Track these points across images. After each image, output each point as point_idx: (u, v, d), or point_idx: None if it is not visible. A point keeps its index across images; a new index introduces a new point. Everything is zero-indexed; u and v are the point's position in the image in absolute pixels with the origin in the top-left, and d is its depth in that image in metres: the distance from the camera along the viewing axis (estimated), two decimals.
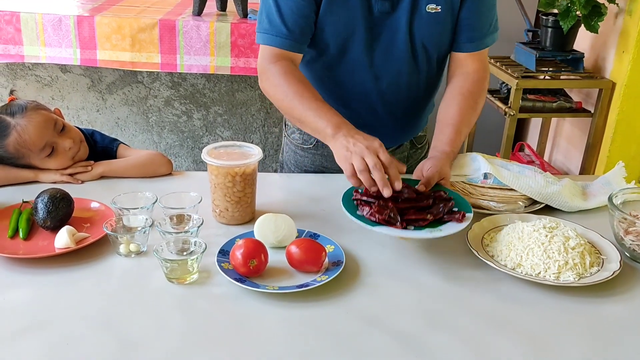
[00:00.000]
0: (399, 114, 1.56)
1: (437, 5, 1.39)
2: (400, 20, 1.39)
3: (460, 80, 1.47)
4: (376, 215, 1.15)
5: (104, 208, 1.31)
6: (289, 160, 1.73)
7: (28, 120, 1.41)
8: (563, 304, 1.09)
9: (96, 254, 1.18)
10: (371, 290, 1.10)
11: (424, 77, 1.51)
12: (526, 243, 1.16)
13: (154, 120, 2.88)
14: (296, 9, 1.37)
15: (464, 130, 1.41)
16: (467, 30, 1.44)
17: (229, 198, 1.29)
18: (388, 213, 1.15)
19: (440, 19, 1.41)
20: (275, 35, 1.39)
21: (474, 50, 1.46)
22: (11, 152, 1.42)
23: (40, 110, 1.46)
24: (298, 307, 1.05)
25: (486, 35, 1.46)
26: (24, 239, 1.21)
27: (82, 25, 2.40)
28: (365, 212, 1.18)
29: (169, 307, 1.04)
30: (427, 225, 1.17)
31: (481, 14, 1.44)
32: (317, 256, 1.12)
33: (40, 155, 1.44)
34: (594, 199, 1.44)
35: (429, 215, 1.17)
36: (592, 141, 2.69)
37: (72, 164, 1.48)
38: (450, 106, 1.43)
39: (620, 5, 2.54)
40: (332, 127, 1.28)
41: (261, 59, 1.43)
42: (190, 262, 1.08)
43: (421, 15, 1.39)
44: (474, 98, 1.45)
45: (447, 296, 1.10)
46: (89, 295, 1.06)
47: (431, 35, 1.43)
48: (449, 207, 1.21)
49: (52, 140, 1.44)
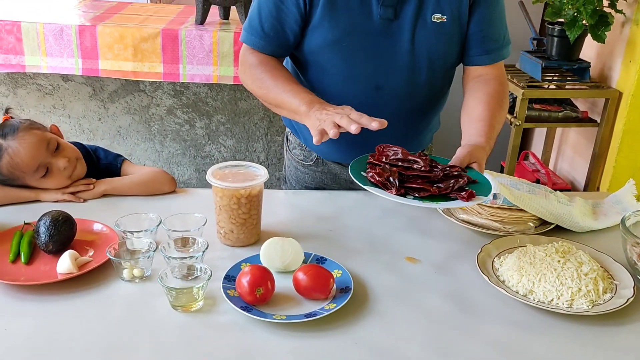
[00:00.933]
0: (401, 127, 1.52)
1: (442, 15, 1.35)
2: (403, 28, 1.36)
3: (481, 84, 1.42)
4: (375, 177, 1.13)
5: (107, 230, 1.29)
6: (291, 176, 1.71)
7: (19, 142, 1.38)
8: (576, 332, 1.07)
9: (99, 279, 1.16)
10: (380, 319, 1.08)
11: (427, 89, 1.47)
12: (538, 268, 1.14)
13: (156, 129, 2.85)
14: (275, 13, 1.38)
15: (497, 126, 1.35)
16: (483, 43, 1.41)
17: (234, 220, 1.26)
18: (388, 176, 1.12)
19: (446, 30, 1.37)
20: (251, 35, 1.42)
21: (491, 62, 1.44)
22: (5, 175, 1.40)
23: (33, 130, 1.41)
24: (306, 337, 1.02)
25: (502, 47, 1.44)
26: (26, 263, 1.18)
27: (84, 35, 2.38)
28: (369, 174, 1.15)
29: (173, 336, 1.02)
30: (430, 198, 1.11)
31: (494, 26, 1.42)
32: (325, 283, 1.09)
33: (34, 176, 1.41)
34: (605, 219, 1.42)
35: (433, 187, 1.11)
36: (598, 151, 2.67)
37: (70, 182, 1.45)
38: (478, 105, 1.37)
39: (627, 15, 2.51)
40: (305, 104, 1.29)
41: (241, 60, 1.47)
42: (196, 290, 1.06)
43: (426, 24, 1.36)
44: (499, 96, 1.40)
45: (457, 323, 1.07)
46: (92, 324, 1.04)
47: (436, 45, 1.39)
48: (459, 185, 1.14)
49: (46, 161, 1.41)
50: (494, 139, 1.33)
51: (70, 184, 1.45)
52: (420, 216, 1.46)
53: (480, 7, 1.38)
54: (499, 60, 1.45)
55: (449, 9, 1.36)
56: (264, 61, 1.42)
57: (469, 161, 1.23)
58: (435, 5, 1.35)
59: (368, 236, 1.36)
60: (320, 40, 1.38)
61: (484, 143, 1.29)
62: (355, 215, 1.46)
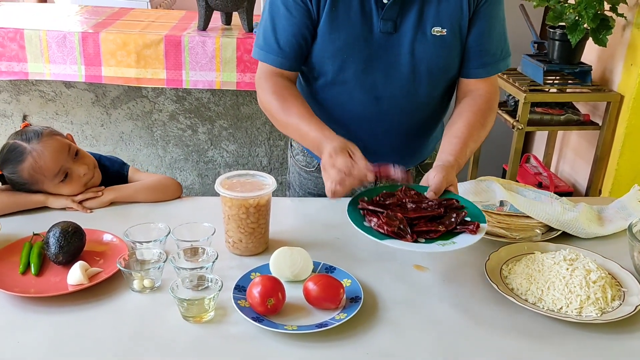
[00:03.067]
0: (402, 138, 1.53)
1: (442, 28, 1.36)
2: (403, 41, 1.37)
3: (470, 99, 1.44)
4: (384, 227, 1.11)
5: (116, 240, 1.29)
6: (294, 182, 1.72)
7: (44, 146, 1.40)
8: (585, 340, 1.07)
9: (110, 290, 1.16)
10: (390, 328, 1.08)
11: (428, 101, 1.48)
12: (547, 276, 1.14)
13: (158, 134, 2.86)
14: (289, 28, 1.37)
15: (471, 144, 1.37)
16: (479, 57, 1.42)
17: (242, 229, 1.27)
18: (397, 225, 1.11)
19: (445, 43, 1.38)
20: (268, 52, 1.41)
21: (486, 76, 1.44)
22: (25, 178, 1.41)
23: (55, 136, 1.45)
24: (317, 347, 1.03)
25: (499, 61, 1.44)
26: (36, 274, 1.19)
27: (86, 42, 2.38)
28: (373, 223, 1.13)
29: (186, 347, 1.02)
30: (439, 237, 1.12)
31: (492, 39, 1.41)
32: (336, 293, 1.10)
33: (54, 180, 1.42)
34: (611, 225, 1.43)
35: (441, 227, 1.12)
36: (600, 154, 2.67)
37: (84, 190, 1.46)
38: (458, 121, 1.39)
39: (628, 18, 2.52)
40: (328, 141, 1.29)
41: (258, 73, 1.47)
42: (207, 300, 1.06)
43: (426, 37, 1.36)
44: (483, 115, 1.41)
45: (467, 332, 1.08)
46: (103, 336, 1.04)
47: (436, 58, 1.39)
48: (461, 217, 1.15)
49: (67, 166, 1.43)
50: (466, 157, 1.35)
51: (80, 192, 1.46)
52: None
53: (480, 21, 1.38)
54: (494, 74, 1.46)
55: (448, 22, 1.36)
56: (281, 87, 1.41)
57: (445, 186, 1.25)
58: (435, 19, 1.35)
59: (375, 244, 1.34)
60: (322, 50, 1.39)
61: (452, 162, 1.30)
62: None
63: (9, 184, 1.44)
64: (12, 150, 1.41)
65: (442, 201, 1.20)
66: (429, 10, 1.34)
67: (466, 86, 1.47)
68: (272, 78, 1.42)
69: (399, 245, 1.08)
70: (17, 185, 1.43)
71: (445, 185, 1.24)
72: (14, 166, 1.40)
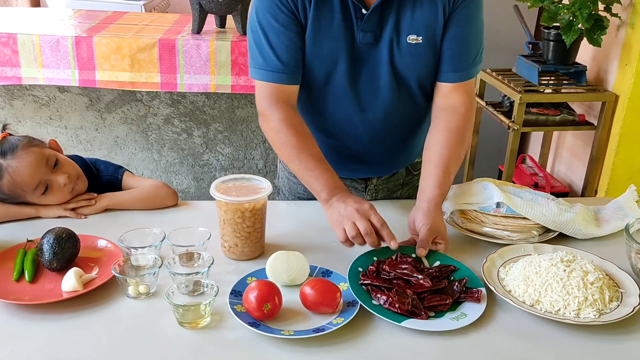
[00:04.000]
0: (389, 144, 1.53)
1: (417, 36, 1.35)
2: (382, 51, 1.36)
3: (446, 114, 1.41)
4: (397, 306, 1.09)
5: (110, 246, 1.28)
6: (283, 187, 1.72)
7: (19, 162, 1.37)
8: (583, 342, 1.07)
9: (104, 296, 1.15)
10: (388, 332, 1.07)
11: (411, 108, 1.48)
12: (544, 278, 1.14)
13: (153, 138, 2.85)
14: (287, 42, 1.34)
15: (453, 169, 1.36)
16: (451, 61, 1.39)
17: (238, 234, 1.26)
18: (410, 302, 1.10)
19: (421, 50, 1.37)
20: (271, 71, 1.36)
21: (458, 80, 1.40)
22: (6, 193, 1.39)
23: (32, 147, 1.40)
24: (314, 352, 1.02)
25: (471, 67, 1.41)
26: (30, 281, 1.18)
27: (80, 46, 2.37)
28: (382, 301, 1.12)
29: (182, 353, 1.02)
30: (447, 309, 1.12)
31: (466, 45, 1.39)
32: (333, 297, 1.09)
33: (35, 193, 1.40)
34: (608, 226, 1.43)
35: (449, 299, 1.12)
36: (595, 154, 2.68)
37: (70, 198, 1.45)
38: (437, 144, 1.37)
39: (623, 18, 2.52)
40: (327, 191, 1.30)
41: (260, 98, 1.40)
42: (203, 306, 1.05)
43: (401, 46, 1.36)
44: (461, 133, 1.39)
45: (465, 334, 1.07)
46: (98, 343, 1.03)
47: (413, 66, 1.39)
48: (463, 285, 1.16)
49: (45, 178, 1.40)
50: (450, 182, 1.36)
51: (71, 200, 1.44)
52: None
53: (453, 26, 1.36)
54: (467, 79, 1.42)
55: (424, 30, 1.35)
56: (287, 118, 1.36)
57: (433, 237, 1.26)
58: (411, 27, 1.34)
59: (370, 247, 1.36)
60: (309, 61, 1.38)
61: (437, 197, 1.31)
62: None
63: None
64: None
65: (441, 268, 1.21)
66: (405, 18, 1.34)
67: (442, 93, 1.43)
68: (279, 105, 1.37)
69: (418, 327, 1.07)
70: (1, 200, 1.41)
71: (432, 237, 1.26)
72: None
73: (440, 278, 1.18)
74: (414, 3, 1.33)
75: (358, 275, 1.19)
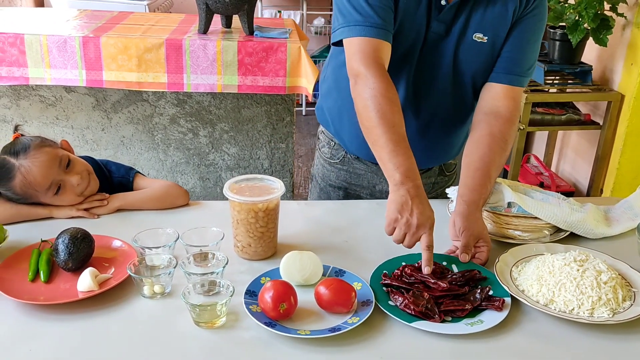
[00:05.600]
0: (430, 137, 1.54)
1: (484, 35, 1.39)
2: (449, 44, 1.40)
3: (490, 119, 1.40)
4: (411, 307, 1.10)
5: (124, 246, 1.29)
6: (317, 173, 1.76)
7: (32, 161, 1.37)
8: (597, 341, 1.08)
9: (120, 296, 1.16)
10: (403, 332, 1.08)
11: (459, 104, 1.51)
12: (558, 278, 1.14)
13: (159, 138, 2.85)
14: (385, 2, 1.32)
15: (494, 173, 1.35)
16: (506, 62, 1.42)
17: (251, 234, 1.27)
18: (425, 304, 1.10)
19: (484, 50, 1.41)
20: (371, 26, 1.31)
21: (508, 83, 1.42)
22: (19, 194, 1.39)
23: (44, 148, 1.40)
24: (330, 351, 1.03)
25: (524, 74, 1.43)
26: (45, 282, 1.18)
27: (87, 46, 2.38)
28: (398, 302, 1.12)
29: (199, 353, 1.02)
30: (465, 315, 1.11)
31: (524, 52, 1.42)
32: (347, 297, 1.09)
33: (47, 194, 1.40)
34: (618, 225, 1.43)
35: (468, 305, 1.11)
36: (601, 153, 2.68)
37: (83, 199, 1.45)
38: (478, 148, 1.37)
39: (628, 18, 2.53)
40: (400, 174, 1.23)
41: (356, 59, 1.32)
42: (220, 306, 1.06)
43: (467, 42, 1.40)
44: (504, 139, 1.38)
45: (479, 334, 1.07)
46: (115, 343, 1.04)
47: (475, 63, 1.43)
48: (486, 293, 1.14)
49: (58, 179, 1.40)
50: (490, 187, 1.35)
51: (84, 200, 1.45)
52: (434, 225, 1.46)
53: (517, 32, 1.40)
54: (517, 85, 1.43)
55: (490, 31, 1.39)
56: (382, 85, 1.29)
57: (475, 241, 1.27)
58: (479, 26, 1.38)
59: (383, 246, 1.36)
60: None
61: (477, 200, 1.30)
62: (368, 226, 1.46)
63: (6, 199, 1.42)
64: (2, 167, 1.38)
65: (464, 272, 1.20)
66: (476, 16, 1.37)
67: (490, 93, 1.44)
68: (377, 67, 1.30)
69: (429, 328, 1.07)
70: (14, 200, 1.41)
71: (474, 242, 1.26)
72: (5, 183, 1.38)
73: (463, 284, 1.17)
74: (487, 3, 1.36)
75: (380, 276, 1.20)
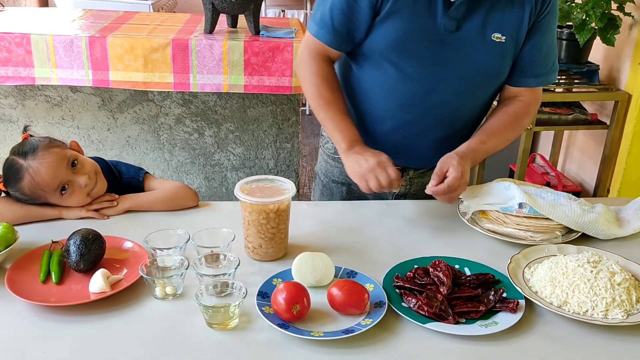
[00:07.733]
0: (440, 134, 1.54)
1: (502, 35, 1.39)
2: (464, 42, 1.39)
3: (509, 101, 1.51)
4: (425, 309, 1.09)
5: (135, 247, 1.28)
6: (320, 170, 1.77)
7: (40, 162, 1.37)
8: (611, 343, 1.07)
9: (132, 298, 1.15)
10: (417, 334, 1.07)
11: (474, 101, 1.51)
12: (571, 279, 1.14)
13: (165, 138, 2.85)
14: (347, 11, 1.39)
15: (494, 140, 1.45)
16: (532, 67, 1.45)
17: (262, 235, 1.26)
18: (438, 306, 1.10)
19: (503, 49, 1.41)
20: (321, 28, 1.45)
21: (535, 85, 1.49)
22: (27, 194, 1.39)
23: (53, 148, 1.40)
24: (344, 353, 1.02)
25: (549, 73, 1.48)
26: (57, 283, 1.18)
27: (94, 46, 2.37)
28: (412, 304, 1.12)
29: (212, 355, 1.02)
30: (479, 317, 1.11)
31: (546, 51, 1.45)
32: (360, 298, 1.09)
33: (55, 194, 1.40)
34: (630, 226, 1.43)
35: (482, 307, 1.11)
36: (608, 153, 2.68)
37: (90, 199, 1.44)
38: (490, 119, 1.48)
39: (636, 17, 2.52)
40: (346, 142, 1.43)
41: (304, 48, 1.51)
42: (233, 307, 1.05)
43: (485, 42, 1.39)
44: (516, 117, 1.48)
45: (493, 336, 1.07)
46: (128, 344, 1.04)
47: (492, 63, 1.43)
48: (500, 295, 1.14)
49: (66, 179, 1.40)
50: (484, 152, 1.48)
51: (94, 201, 1.45)
52: (444, 226, 1.46)
53: (537, 34, 1.41)
54: (545, 84, 1.51)
55: (509, 30, 1.39)
56: (321, 71, 1.49)
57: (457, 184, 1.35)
58: (497, 25, 1.38)
59: (394, 247, 1.36)
60: (382, 39, 1.40)
61: (466, 153, 1.41)
62: (379, 226, 1.46)
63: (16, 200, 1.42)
64: (10, 168, 1.38)
65: (478, 275, 1.20)
66: (494, 16, 1.37)
67: (510, 92, 1.52)
68: (318, 60, 1.49)
69: (443, 329, 1.06)
70: (23, 201, 1.41)
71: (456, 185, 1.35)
72: (14, 184, 1.38)
73: (476, 287, 1.17)
74: (504, 4, 1.37)
75: (393, 279, 1.19)
